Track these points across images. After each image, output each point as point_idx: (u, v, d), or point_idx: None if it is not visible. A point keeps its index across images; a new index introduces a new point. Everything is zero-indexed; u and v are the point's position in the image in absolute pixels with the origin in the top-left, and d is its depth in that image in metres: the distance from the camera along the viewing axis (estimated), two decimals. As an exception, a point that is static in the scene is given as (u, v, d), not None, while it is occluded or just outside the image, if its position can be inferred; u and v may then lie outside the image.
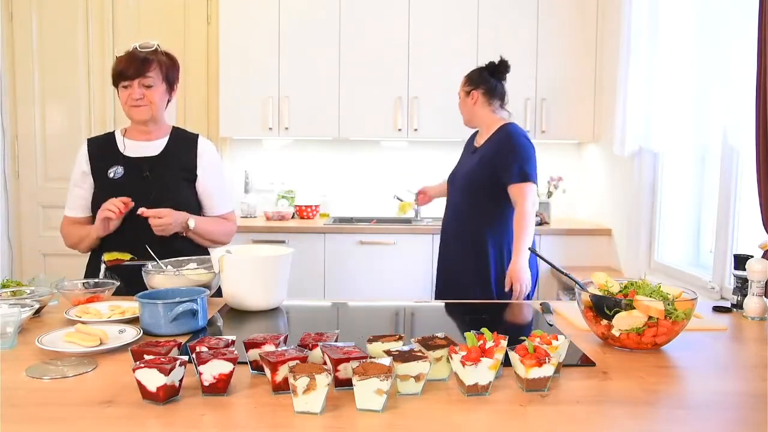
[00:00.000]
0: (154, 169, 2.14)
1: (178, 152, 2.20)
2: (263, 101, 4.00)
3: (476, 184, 2.58)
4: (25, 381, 1.24)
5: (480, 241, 2.55)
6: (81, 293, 1.78)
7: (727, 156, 2.69)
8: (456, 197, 2.69)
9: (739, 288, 1.88)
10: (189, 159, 2.20)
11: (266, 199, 4.33)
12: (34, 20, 4.27)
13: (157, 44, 2.15)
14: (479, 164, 2.58)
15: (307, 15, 3.98)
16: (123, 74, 2.09)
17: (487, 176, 2.54)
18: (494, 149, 2.56)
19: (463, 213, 2.63)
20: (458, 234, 2.63)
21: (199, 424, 1.06)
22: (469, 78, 2.76)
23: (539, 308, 1.87)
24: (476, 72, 2.75)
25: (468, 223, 2.60)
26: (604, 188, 4.04)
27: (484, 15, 3.97)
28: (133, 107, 2.12)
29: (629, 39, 3.30)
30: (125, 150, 2.17)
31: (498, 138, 2.59)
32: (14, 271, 4.30)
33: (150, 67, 2.10)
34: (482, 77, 2.72)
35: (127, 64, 2.09)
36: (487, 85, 2.70)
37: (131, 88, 2.09)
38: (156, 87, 2.12)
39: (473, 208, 2.59)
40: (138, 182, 2.11)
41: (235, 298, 1.81)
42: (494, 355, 1.18)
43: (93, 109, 4.33)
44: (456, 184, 2.70)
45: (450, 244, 2.68)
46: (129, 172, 2.13)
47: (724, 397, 1.22)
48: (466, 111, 2.76)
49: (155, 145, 2.19)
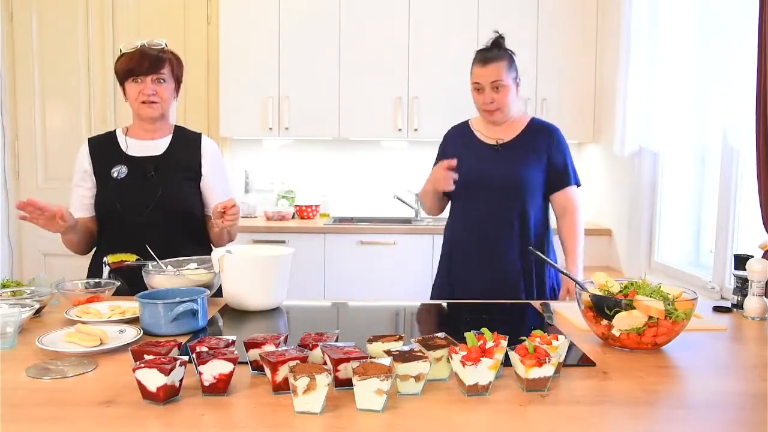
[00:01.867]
0: (158, 169, 2.13)
1: (182, 151, 2.19)
2: (263, 101, 4.00)
3: (530, 185, 2.28)
4: (25, 381, 1.24)
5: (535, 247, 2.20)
6: (81, 293, 1.78)
7: (727, 156, 2.69)
8: (491, 201, 2.28)
9: (739, 288, 1.88)
10: (193, 158, 2.19)
11: (266, 199, 4.33)
12: (34, 20, 4.26)
13: (165, 42, 2.15)
14: (529, 162, 2.28)
15: (307, 15, 3.97)
16: (135, 70, 2.07)
17: (541, 177, 2.30)
18: (546, 147, 2.30)
19: (506, 220, 2.27)
20: (502, 244, 2.27)
21: (199, 424, 1.06)
22: (511, 61, 2.30)
23: (539, 308, 1.87)
24: (508, 53, 2.31)
25: (510, 232, 2.27)
26: (604, 188, 4.04)
27: (484, 14, 3.97)
28: (143, 104, 2.10)
29: (629, 39, 3.30)
30: (128, 149, 2.16)
31: (545, 134, 2.32)
32: (14, 271, 4.29)
33: (163, 64, 2.10)
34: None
35: (140, 60, 2.07)
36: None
37: (143, 84, 2.08)
38: (167, 84, 2.12)
39: (522, 212, 2.27)
40: (143, 182, 2.10)
41: (236, 298, 1.81)
42: (494, 355, 1.18)
43: (93, 109, 4.33)
44: (491, 187, 2.28)
45: (490, 256, 2.28)
46: (133, 172, 2.12)
47: (725, 397, 1.22)
48: (512, 103, 2.31)
49: (159, 144, 2.18)
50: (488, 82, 2.24)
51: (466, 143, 2.39)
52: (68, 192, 2.20)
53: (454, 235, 2.38)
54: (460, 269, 2.34)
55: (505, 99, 2.26)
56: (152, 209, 2.06)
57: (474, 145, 2.37)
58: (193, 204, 2.17)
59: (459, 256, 2.34)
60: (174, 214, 2.10)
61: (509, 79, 2.25)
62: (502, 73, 2.23)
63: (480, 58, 2.28)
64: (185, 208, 2.13)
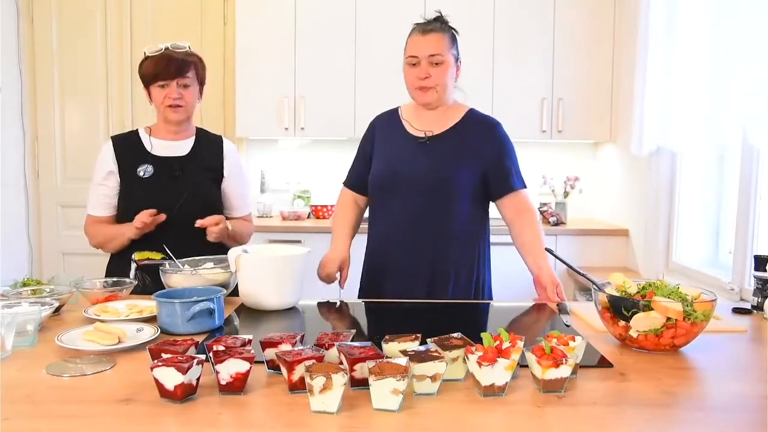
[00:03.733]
0: (184, 169, 2.16)
1: (205, 153, 2.23)
2: (279, 101, 4.02)
3: (460, 186, 2.02)
4: (45, 378, 1.26)
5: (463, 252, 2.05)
6: (99, 292, 1.80)
7: (746, 155, 2.66)
8: (415, 201, 2.03)
9: (759, 289, 1.85)
10: (216, 160, 2.24)
11: (282, 199, 4.34)
12: (54, 23, 4.32)
13: (189, 45, 2.16)
14: (460, 160, 2.02)
15: (323, 15, 3.98)
16: (162, 75, 2.09)
17: (474, 177, 2.03)
18: (485, 144, 2.04)
19: (430, 225, 2.02)
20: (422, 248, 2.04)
21: (216, 423, 1.07)
22: (454, 39, 2.03)
23: (556, 309, 1.86)
24: (452, 30, 2.04)
25: (430, 234, 2.03)
26: (621, 188, 4.01)
27: (500, 13, 3.96)
28: (169, 107, 2.12)
29: (646, 37, 3.27)
30: (152, 149, 2.18)
31: (483, 129, 2.07)
32: (34, 270, 4.35)
33: (189, 68, 2.12)
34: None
35: (167, 64, 2.09)
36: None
37: (169, 88, 2.11)
38: (192, 88, 2.15)
39: (459, 214, 2.03)
40: (168, 181, 2.14)
41: (252, 298, 1.82)
42: (511, 355, 1.18)
43: (111, 110, 4.37)
44: (413, 186, 2.03)
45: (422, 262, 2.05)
46: (159, 171, 2.15)
47: (744, 399, 1.21)
48: (449, 83, 2.03)
49: (183, 145, 2.21)
50: (426, 55, 1.98)
51: (392, 135, 2.15)
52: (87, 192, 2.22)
53: (372, 241, 2.19)
54: (379, 275, 2.12)
55: (443, 77, 1.99)
56: (179, 208, 2.10)
57: (399, 138, 2.11)
58: (216, 204, 2.21)
59: (378, 263, 2.13)
60: (199, 213, 2.11)
61: (450, 56, 1.99)
62: (443, 47, 1.97)
63: (419, 29, 2.03)
64: (210, 207, 2.16)
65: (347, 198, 2.28)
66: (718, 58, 2.70)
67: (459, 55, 2.05)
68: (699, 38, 2.88)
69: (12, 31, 4.20)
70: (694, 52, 2.92)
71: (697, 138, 2.91)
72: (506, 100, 3.97)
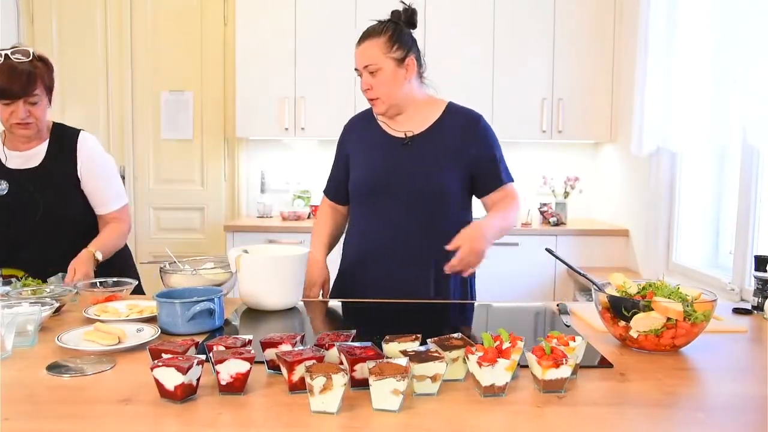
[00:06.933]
0: (37, 183, 2.06)
1: (59, 157, 2.10)
2: (279, 102, 4.02)
3: (449, 189, 1.93)
4: (45, 378, 1.26)
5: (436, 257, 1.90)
6: (100, 292, 1.80)
7: (747, 155, 2.66)
8: (401, 208, 1.94)
9: (759, 290, 1.85)
10: (70, 162, 2.11)
11: (282, 199, 4.35)
12: (54, 22, 4.33)
13: (32, 50, 1.98)
14: (446, 161, 1.93)
15: (323, 15, 3.99)
16: (6, 93, 1.90)
17: (461, 176, 1.95)
18: (468, 139, 1.94)
19: (416, 232, 1.93)
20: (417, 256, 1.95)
21: (216, 423, 1.07)
22: (395, 36, 1.89)
23: (556, 309, 1.86)
24: (395, 27, 1.90)
25: (421, 239, 1.94)
26: (621, 188, 4.01)
27: (500, 15, 3.96)
28: (16, 125, 1.98)
29: (647, 37, 3.27)
30: (7, 161, 2.07)
31: (465, 123, 1.96)
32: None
33: (35, 84, 1.94)
34: (410, 36, 1.93)
35: (9, 80, 1.89)
36: (417, 47, 1.95)
37: (14, 106, 1.93)
38: (41, 102, 2.00)
39: (447, 219, 1.94)
40: (23, 199, 2.05)
41: (252, 298, 1.82)
42: (511, 356, 1.18)
43: (111, 110, 4.38)
44: (399, 193, 1.93)
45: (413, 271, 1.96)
46: (13, 188, 2.05)
47: (744, 400, 1.21)
48: (394, 90, 1.90)
49: (35, 155, 2.09)
50: (362, 66, 1.90)
51: (369, 136, 2.02)
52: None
53: (350, 249, 2.08)
54: (359, 285, 2.03)
55: (382, 86, 1.88)
56: (34, 226, 2.04)
57: (377, 140, 1.99)
58: (78, 210, 2.13)
59: (360, 274, 2.04)
60: (56, 229, 2.08)
61: (387, 60, 1.87)
62: (375, 54, 1.86)
63: (359, 38, 1.94)
64: (70, 219, 2.10)
65: (326, 208, 2.22)
66: (719, 59, 2.70)
67: (410, 50, 1.91)
68: (699, 39, 2.88)
69: (12, 30, 4.20)
70: (694, 53, 2.92)
71: (697, 138, 2.91)
72: (506, 100, 3.97)
